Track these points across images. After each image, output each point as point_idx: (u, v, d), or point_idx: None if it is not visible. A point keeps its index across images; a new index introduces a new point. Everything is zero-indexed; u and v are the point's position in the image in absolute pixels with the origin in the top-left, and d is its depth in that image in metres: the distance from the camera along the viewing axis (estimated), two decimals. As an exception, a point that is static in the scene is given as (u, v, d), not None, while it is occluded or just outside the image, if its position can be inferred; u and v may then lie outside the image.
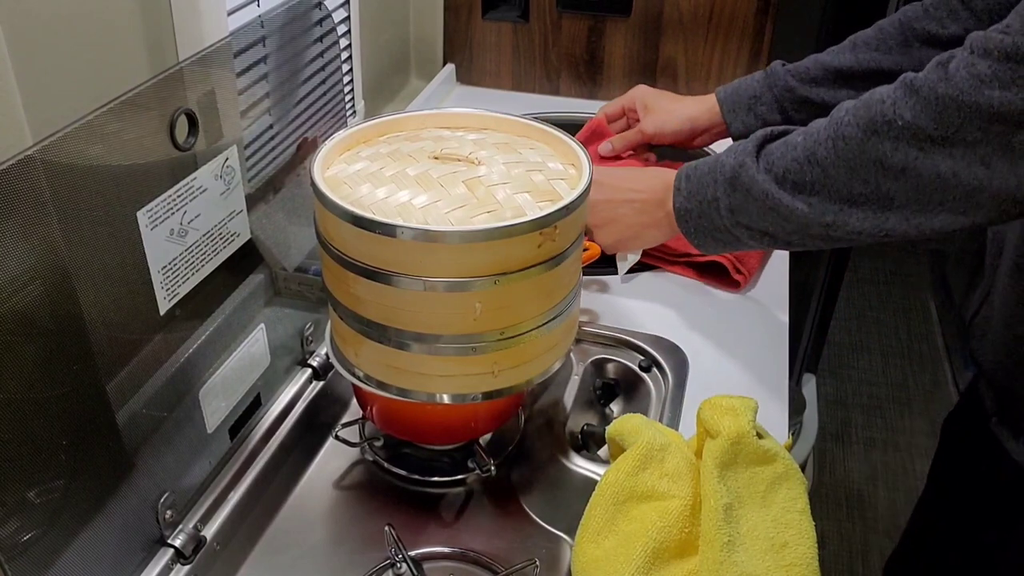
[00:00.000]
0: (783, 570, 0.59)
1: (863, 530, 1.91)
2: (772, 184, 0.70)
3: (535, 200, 0.63)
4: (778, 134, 0.74)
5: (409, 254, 0.59)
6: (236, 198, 0.65)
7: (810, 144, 0.68)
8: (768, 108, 0.98)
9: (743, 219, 0.74)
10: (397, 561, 0.69)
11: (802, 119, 0.95)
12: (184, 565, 0.65)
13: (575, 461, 0.76)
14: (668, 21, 1.31)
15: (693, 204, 0.78)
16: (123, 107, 0.52)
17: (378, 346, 0.65)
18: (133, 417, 0.58)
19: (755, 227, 0.74)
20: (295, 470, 0.78)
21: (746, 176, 0.72)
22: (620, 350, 0.87)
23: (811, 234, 0.71)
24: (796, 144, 0.70)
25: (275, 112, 0.70)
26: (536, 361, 0.68)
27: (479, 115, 0.75)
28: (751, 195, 0.72)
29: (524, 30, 1.38)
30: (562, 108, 1.38)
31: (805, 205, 0.69)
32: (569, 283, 0.68)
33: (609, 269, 0.97)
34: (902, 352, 2.46)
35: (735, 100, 1.00)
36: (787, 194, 0.69)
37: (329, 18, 0.77)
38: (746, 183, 0.72)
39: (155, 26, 0.63)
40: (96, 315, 0.53)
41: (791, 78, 0.97)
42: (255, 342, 0.72)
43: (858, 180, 0.65)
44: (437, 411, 0.72)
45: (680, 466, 0.63)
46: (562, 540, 0.72)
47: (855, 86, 0.94)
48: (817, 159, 0.67)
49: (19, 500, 0.49)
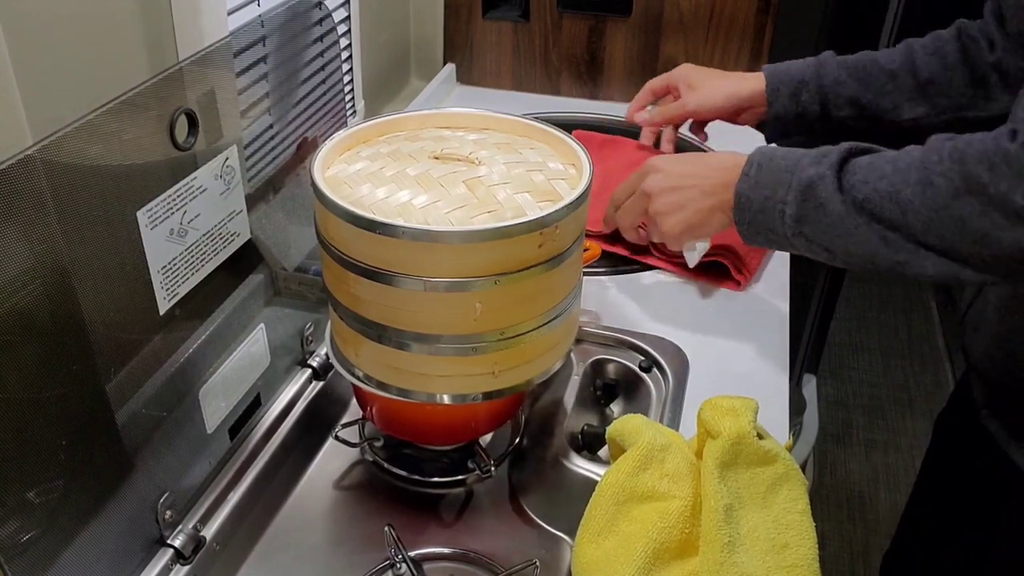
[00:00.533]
0: (784, 571, 0.59)
1: (864, 531, 1.91)
2: (850, 208, 0.68)
3: (535, 200, 0.62)
4: (862, 150, 0.71)
5: (409, 254, 0.59)
6: (236, 198, 0.65)
7: (897, 181, 0.66)
8: (810, 97, 0.95)
9: (807, 231, 0.71)
10: (397, 561, 0.69)
11: (842, 117, 0.94)
12: (184, 565, 0.65)
13: (575, 461, 0.76)
14: (668, 21, 1.31)
15: (757, 196, 0.75)
16: (123, 107, 0.52)
17: (378, 346, 0.65)
18: (133, 417, 0.58)
19: (817, 241, 0.71)
20: (295, 470, 0.78)
21: (824, 191, 0.69)
22: (620, 350, 0.87)
23: (878, 264, 0.69)
24: (883, 174, 0.67)
25: (275, 112, 0.70)
26: (536, 361, 0.68)
27: (479, 115, 0.75)
28: (824, 211, 0.69)
29: (524, 30, 1.38)
30: (562, 108, 1.38)
31: (880, 238, 0.67)
32: (569, 283, 0.68)
33: (609, 269, 0.97)
34: (903, 353, 2.45)
35: (781, 80, 0.96)
36: (863, 223, 0.67)
37: (329, 18, 0.76)
38: (822, 198, 0.69)
39: (155, 26, 0.63)
40: (96, 315, 0.53)
41: (843, 71, 0.93)
42: (255, 342, 0.72)
43: (936, 232, 0.64)
44: (437, 411, 0.72)
45: (681, 467, 0.63)
46: (562, 541, 0.72)
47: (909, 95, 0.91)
48: (901, 199, 0.65)
49: (19, 500, 0.49)
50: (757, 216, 0.75)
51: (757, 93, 0.98)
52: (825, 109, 0.95)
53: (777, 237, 0.74)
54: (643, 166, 0.87)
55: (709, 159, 0.83)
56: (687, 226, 0.84)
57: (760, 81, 0.98)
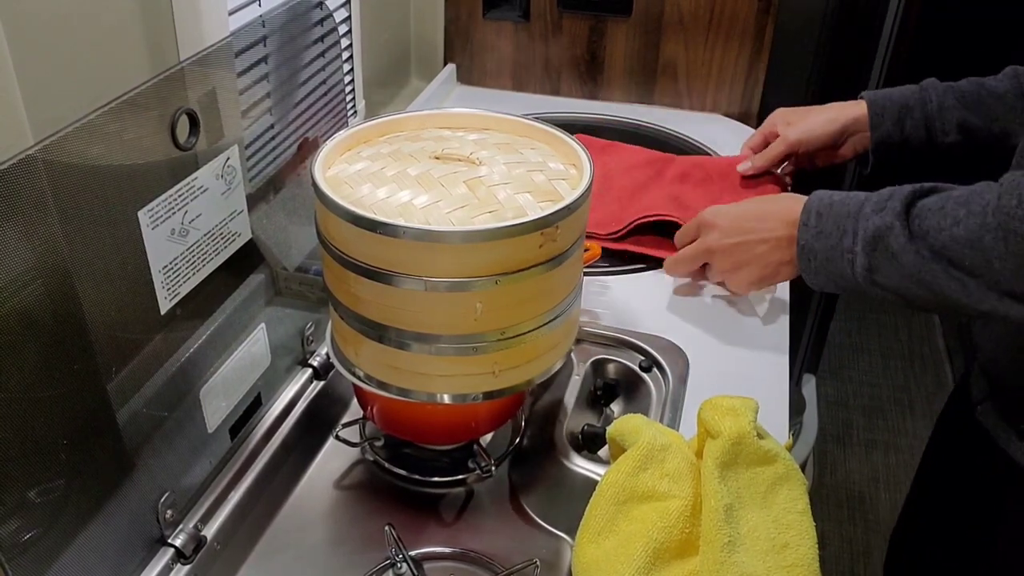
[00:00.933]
0: (784, 571, 0.59)
1: (864, 532, 1.91)
2: (926, 256, 0.66)
3: (536, 200, 0.63)
4: (927, 191, 0.69)
5: (410, 254, 0.59)
6: (237, 198, 0.65)
7: (975, 226, 0.63)
8: (915, 123, 0.94)
9: (881, 280, 0.70)
10: (397, 561, 0.69)
11: (948, 143, 0.93)
12: (184, 565, 0.65)
13: (575, 461, 0.76)
14: (668, 21, 1.31)
15: (820, 246, 0.74)
16: (124, 107, 0.52)
17: (379, 346, 0.65)
18: (134, 416, 0.58)
19: (893, 288, 0.70)
20: (295, 470, 0.78)
21: (895, 242, 0.68)
22: (620, 350, 0.87)
23: (960, 311, 0.67)
24: (957, 218, 0.65)
25: (276, 112, 0.70)
26: (537, 361, 0.68)
27: (480, 115, 0.75)
28: (897, 262, 0.68)
29: (525, 30, 1.38)
30: (562, 108, 1.38)
31: (961, 287, 0.65)
32: (570, 283, 0.68)
33: (609, 269, 0.97)
34: (903, 353, 2.45)
35: (883, 105, 0.95)
36: (942, 270, 0.65)
37: (330, 18, 0.77)
38: (893, 249, 0.68)
39: (156, 26, 0.63)
40: (97, 315, 0.53)
41: (950, 96, 0.92)
42: (256, 342, 0.72)
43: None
44: (438, 411, 0.72)
45: (681, 466, 0.63)
46: (562, 540, 0.72)
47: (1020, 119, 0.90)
48: (983, 246, 0.63)
49: (19, 499, 0.49)
50: (824, 265, 0.75)
51: (859, 118, 0.97)
52: (931, 135, 0.93)
53: (848, 283, 0.73)
54: (699, 218, 0.87)
55: (766, 209, 0.82)
56: (756, 281, 0.84)
57: (861, 107, 0.97)
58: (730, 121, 1.35)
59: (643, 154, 1.15)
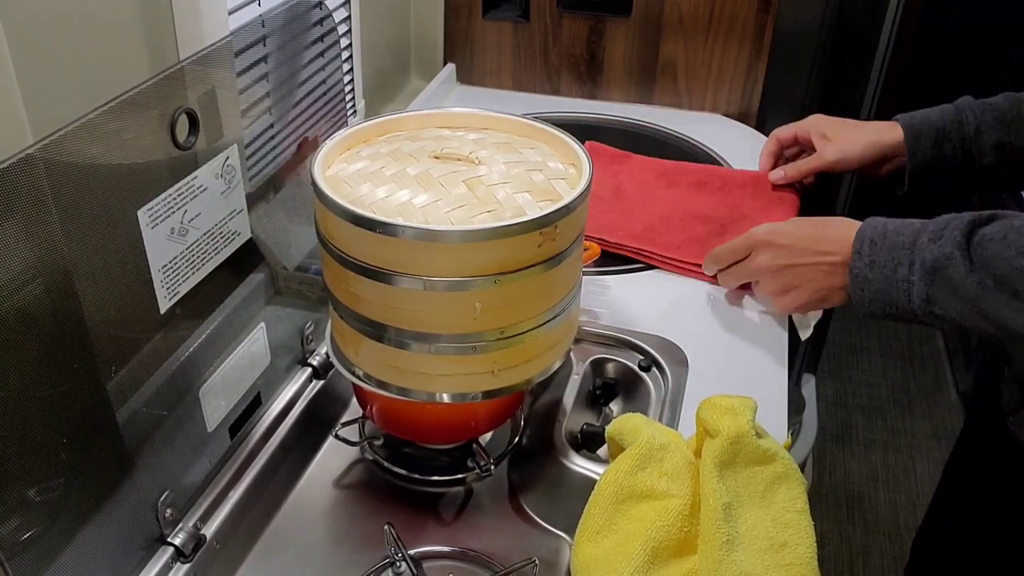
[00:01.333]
0: (782, 569, 0.59)
1: (863, 531, 1.91)
2: (989, 287, 0.65)
3: (535, 200, 0.63)
4: (987, 219, 0.68)
5: (409, 253, 0.59)
6: (237, 197, 0.66)
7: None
8: (953, 148, 0.92)
9: (940, 310, 0.69)
10: (396, 560, 0.69)
11: (986, 164, 0.91)
12: (184, 563, 0.65)
13: (575, 460, 0.76)
14: (668, 21, 1.31)
15: (875, 276, 0.73)
16: (124, 106, 0.52)
17: (378, 345, 0.65)
18: (133, 415, 0.58)
19: (951, 319, 0.69)
20: (295, 469, 0.78)
21: (955, 273, 0.67)
22: (620, 350, 0.87)
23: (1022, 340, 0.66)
24: (1021, 248, 0.64)
25: (276, 111, 0.70)
26: (536, 360, 0.68)
27: (479, 115, 0.75)
28: (958, 294, 0.67)
29: (525, 30, 1.38)
30: (562, 108, 1.38)
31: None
32: (569, 283, 0.68)
33: (609, 269, 0.98)
34: (902, 354, 2.45)
35: (920, 131, 0.94)
36: (1004, 301, 0.64)
37: (330, 17, 0.77)
38: (953, 280, 0.67)
39: (156, 25, 0.63)
40: (96, 314, 0.53)
41: (987, 117, 0.90)
42: (255, 341, 0.72)
43: None
44: (437, 410, 0.72)
45: (679, 465, 0.63)
46: (561, 539, 0.72)
47: None
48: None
49: (19, 498, 0.50)
50: (878, 295, 0.74)
51: (898, 144, 0.95)
52: (968, 157, 0.92)
53: (903, 313, 0.73)
54: (752, 236, 0.86)
55: (820, 232, 0.81)
56: (806, 304, 0.83)
57: (898, 131, 0.95)
58: (729, 121, 1.35)
59: (657, 164, 1.14)
